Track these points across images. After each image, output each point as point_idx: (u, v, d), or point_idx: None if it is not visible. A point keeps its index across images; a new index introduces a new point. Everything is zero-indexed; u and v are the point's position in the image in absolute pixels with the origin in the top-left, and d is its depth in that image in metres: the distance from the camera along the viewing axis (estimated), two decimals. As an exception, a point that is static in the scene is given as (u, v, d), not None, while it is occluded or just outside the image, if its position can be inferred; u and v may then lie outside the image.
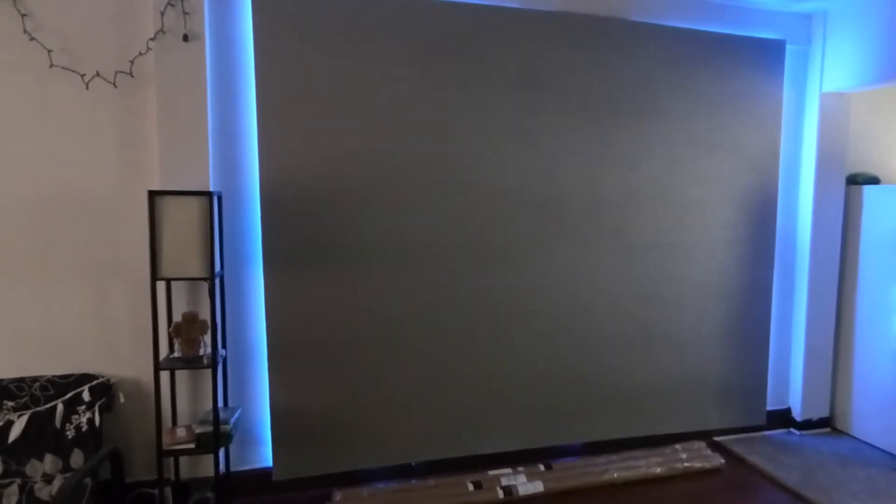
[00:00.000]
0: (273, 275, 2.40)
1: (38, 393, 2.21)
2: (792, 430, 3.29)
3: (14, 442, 2.12)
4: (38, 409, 2.18)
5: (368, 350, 2.54)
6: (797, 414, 3.26)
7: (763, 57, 2.96)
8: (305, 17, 2.36)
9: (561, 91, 2.68)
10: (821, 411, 3.28)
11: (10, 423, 2.14)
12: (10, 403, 2.17)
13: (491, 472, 2.67)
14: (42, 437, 2.16)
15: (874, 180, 3.18)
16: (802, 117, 3.16)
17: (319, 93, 2.40)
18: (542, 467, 2.73)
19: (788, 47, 3.05)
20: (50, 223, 2.28)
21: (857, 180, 3.18)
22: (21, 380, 2.22)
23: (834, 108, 3.08)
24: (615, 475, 2.67)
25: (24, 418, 2.16)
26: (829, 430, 3.30)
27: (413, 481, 2.62)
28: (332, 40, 2.39)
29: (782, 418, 3.29)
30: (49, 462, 2.13)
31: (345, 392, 2.52)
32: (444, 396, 2.66)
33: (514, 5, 2.63)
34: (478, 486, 2.56)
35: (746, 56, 2.92)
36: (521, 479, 2.62)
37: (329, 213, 2.45)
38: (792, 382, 3.29)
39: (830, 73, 3.03)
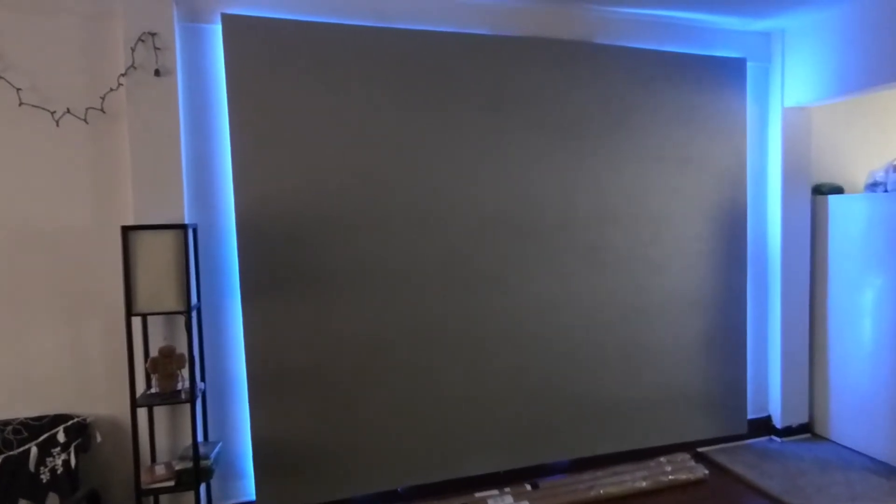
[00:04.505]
0: (251, 305, 2.39)
1: (10, 436, 2.15)
2: (773, 437, 3.33)
3: (-14, 489, 2.06)
4: (11, 453, 2.13)
5: (350, 376, 2.53)
6: (777, 421, 3.31)
7: (725, 75, 3.06)
8: (277, 48, 2.39)
9: (532, 113, 2.74)
10: (800, 417, 3.34)
11: (-19, 470, 2.08)
12: (-18, 449, 2.12)
13: (478, 494, 2.66)
14: (15, 482, 2.10)
15: (838, 189, 3.29)
16: (766, 131, 3.27)
17: (293, 122, 2.42)
18: (528, 487, 2.73)
19: (749, 65, 3.16)
20: (22, 260, 2.25)
21: (821, 190, 3.28)
22: (-8, 423, 2.17)
23: (796, 122, 3.19)
24: (601, 491, 2.68)
25: (-3, 463, 2.10)
26: (808, 435, 3.35)
27: (400, 507, 2.61)
28: (304, 70, 2.42)
29: (763, 426, 3.34)
30: (23, 508, 2.08)
31: (328, 420, 2.51)
32: (429, 419, 2.65)
33: (483, 31, 2.70)
34: (465, 509, 2.55)
35: (710, 74, 3.02)
36: (508, 499, 2.61)
37: (305, 240, 2.45)
38: (771, 390, 3.34)
39: (791, 88, 3.14)
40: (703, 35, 3.06)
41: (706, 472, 2.87)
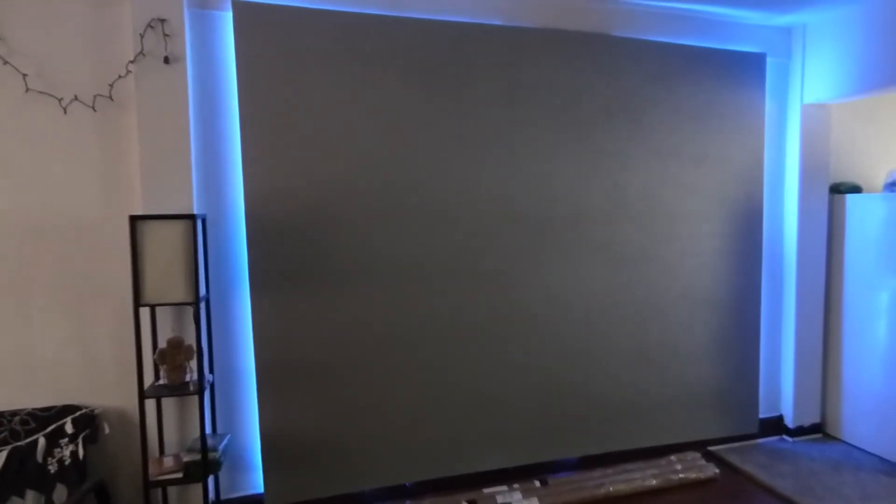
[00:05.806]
0: (260, 297, 2.36)
1: (18, 427, 2.14)
2: (784, 436, 3.30)
3: (-7, 479, 2.04)
4: (19, 443, 2.11)
5: (359, 370, 2.51)
6: (789, 421, 3.28)
7: (744, 70, 2.99)
8: (288, 37, 2.34)
9: (547, 106, 2.69)
10: (812, 417, 3.31)
11: (-11, 460, 2.07)
12: (-11, 439, 2.11)
13: (486, 490, 2.65)
14: (23, 472, 2.09)
15: (856, 189, 3.23)
16: (785, 128, 3.21)
17: (303, 112, 2.37)
18: (537, 483, 2.71)
19: (769, 60, 3.09)
20: (29, 250, 2.22)
21: (839, 189, 3.22)
22: (0, 414, 2.15)
23: (815, 119, 3.13)
24: (611, 489, 2.66)
25: (4, 454, 2.08)
26: (820, 435, 3.32)
27: (407, 502, 2.59)
28: (316, 60, 2.38)
29: (775, 425, 3.31)
30: (31, 499, 2.06)
31: (336, 414, 2.49)
32: (437, 414, 2.63)
33: (497, 22, 2.64)
34: (473, 505, 2.53)
35: (728, 69, 2.96)
36: (517, 496, 2.59)
37: (316, 232, 2.42)
38: (783, 390, 3.31)
39: (811, 84, 3.08)
40: (723, 29, 2.99)
41: (717, 471, 2.85)
